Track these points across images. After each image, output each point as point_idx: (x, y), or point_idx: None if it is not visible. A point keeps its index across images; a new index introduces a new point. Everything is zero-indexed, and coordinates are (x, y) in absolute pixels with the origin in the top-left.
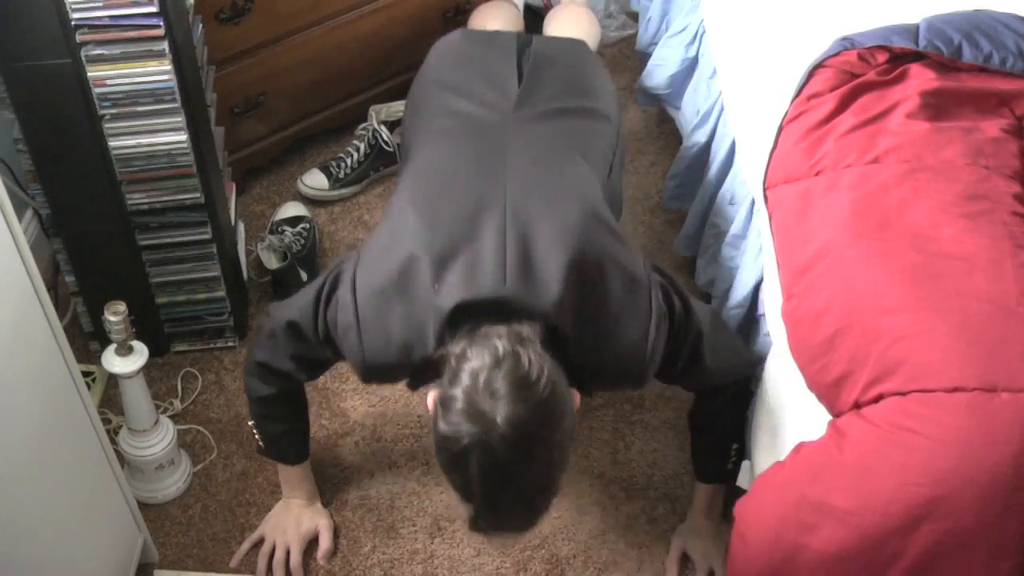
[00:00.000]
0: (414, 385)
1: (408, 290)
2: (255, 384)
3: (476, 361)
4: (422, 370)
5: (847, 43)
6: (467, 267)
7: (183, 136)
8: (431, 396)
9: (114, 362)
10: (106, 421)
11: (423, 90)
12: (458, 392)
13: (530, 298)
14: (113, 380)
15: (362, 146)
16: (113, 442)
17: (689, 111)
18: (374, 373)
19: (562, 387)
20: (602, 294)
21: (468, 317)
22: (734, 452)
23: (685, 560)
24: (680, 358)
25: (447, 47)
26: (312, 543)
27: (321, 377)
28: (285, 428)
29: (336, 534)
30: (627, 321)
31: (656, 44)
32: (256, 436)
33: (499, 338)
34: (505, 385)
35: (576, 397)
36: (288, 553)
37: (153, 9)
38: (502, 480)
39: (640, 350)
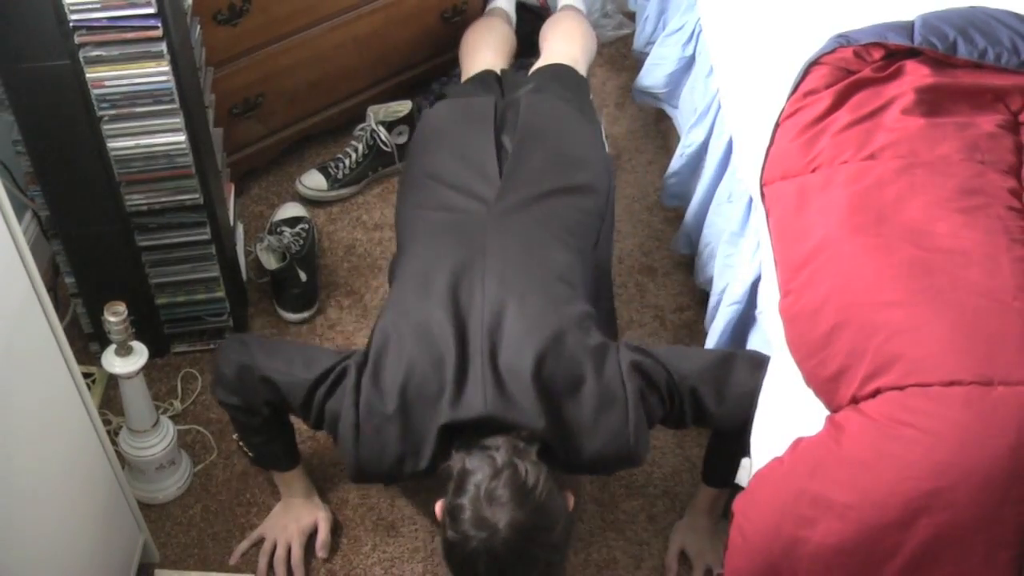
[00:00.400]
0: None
1: (406, 409)
2: (222, 395)
3: (479, 474)
4: (411, 479)
5: (843, 40)
6: (459, 386)
7: (182, 137)
8: (438, 505)
9: (114, 363)
10: (106, 422)
11: (413, 177)
12: (465, 502)
13: (511, 415)
14: (113, 381)
15: (360, 147)
16: (113, 443)
17: (686, 109)
18: (364, 478)
19: (556, 492)
20: (575, 400)
21: (462, 434)
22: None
23: (684, 557)
24: (685, 416)
25: (432, 125)
26: (312, 540)
27: None
28: (265, 438)
29: (337, 531)
30: (604, 420)
31: (653, 43)
32: (243, 447)
33: (497, 450)
34: (506, 493)
35: (571, 499)
36: (289, 550)
37: (151, 10)
38: None
39: (624, 439)
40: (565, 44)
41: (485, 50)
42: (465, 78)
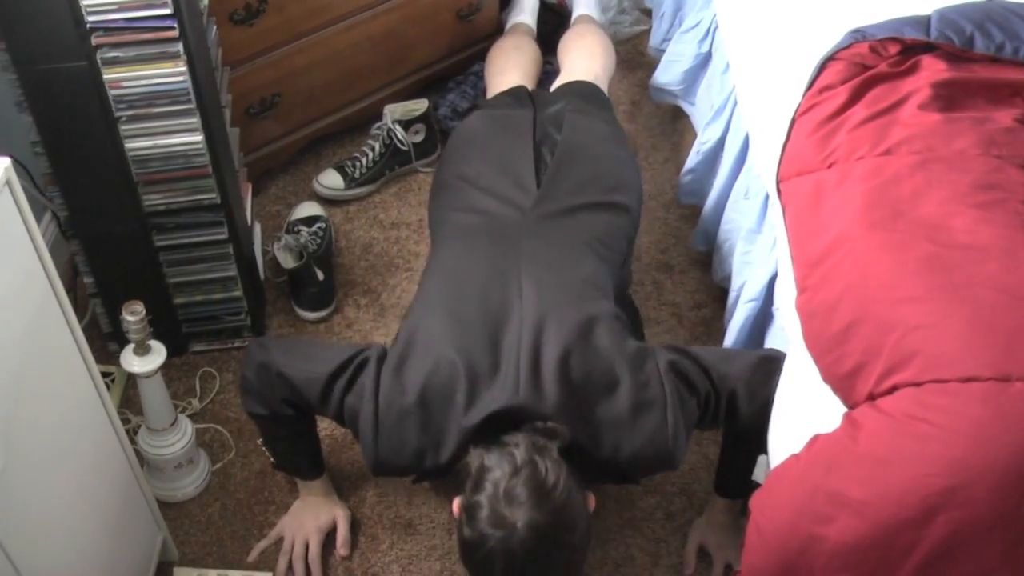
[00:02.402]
0: (417, 481)
1: (427, 403)
2: (248, 403)
3: (497, 471)
4: (428, 473)
5: (858, 35)
6: (486, 382)
7: (199, 137)
8: (456, 502)
9: (132, 362)
10: (125, 421)
11: (446, 180)
12: (482, 499)
13: (540, 407)
14: (132, 380)
15: (377, 145)
16: (132, 442)
17: (703, 106)
18: (383, 471)
19: (577, 493)
20: (611, 400)
21: (483, 430)
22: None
23: (702, 553)
24: (718, 419)
25: (468, 132)
26: (332, 539)
27: None
28: (289, 447)
29: (355, 528)
30: (643, 420)
31: (669, 40)
32: (267, 453)
33: (516, 447)
34: (524, 492)
35: (591, 500)
36: (307, 548)
37: (167, 11)
38: None
39: (663, 440)
40: (587, 61)
41: (514, 70)
42: (493, 94)
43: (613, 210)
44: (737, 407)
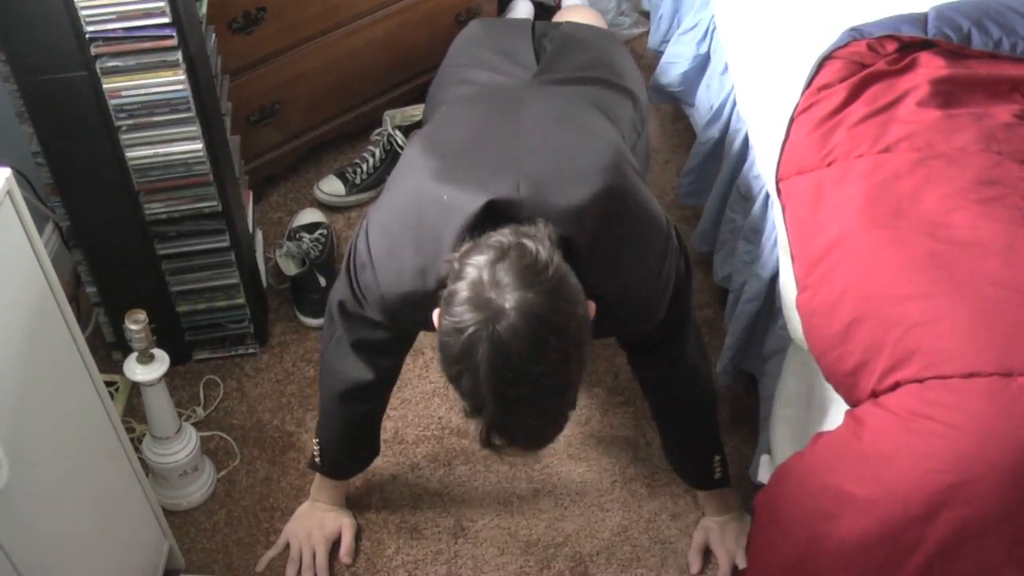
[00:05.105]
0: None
1: (417, 217)
2: (328, 382)
3: (480, 256)
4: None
5: (856, 33)
6: (479, 180)
7: (199, 145)
8: (436, 311)
9: (136, 370)
10: (130, 430)
11: (442, 72)
12: (462, 285)
13: (544, 202)
14: (136, 389)
15: (377, 151)
16: (137, 450)
17: (702, 107)
18: (395, 310)
19: (573, 279)
20: (625, 225)
21: (477, 226)
22: (718, 464)
23: (708, 553)
24: (667, 320)
25: (465, 35)
26: (336, 545)
27: None
28: (344, 436)
29: (359, 535)
30: (646, 255)
31: (668, 42)
32: (314, 447)
33: (503, 236)
34: (511, 273)
35: (592, 307)
36: (314, 556)
37: (166, 20)
38: (514, 375)
39: (655, 283)
40: (582, 21)
41: None
42: None
43: (618, 89)
44: (685, 330)
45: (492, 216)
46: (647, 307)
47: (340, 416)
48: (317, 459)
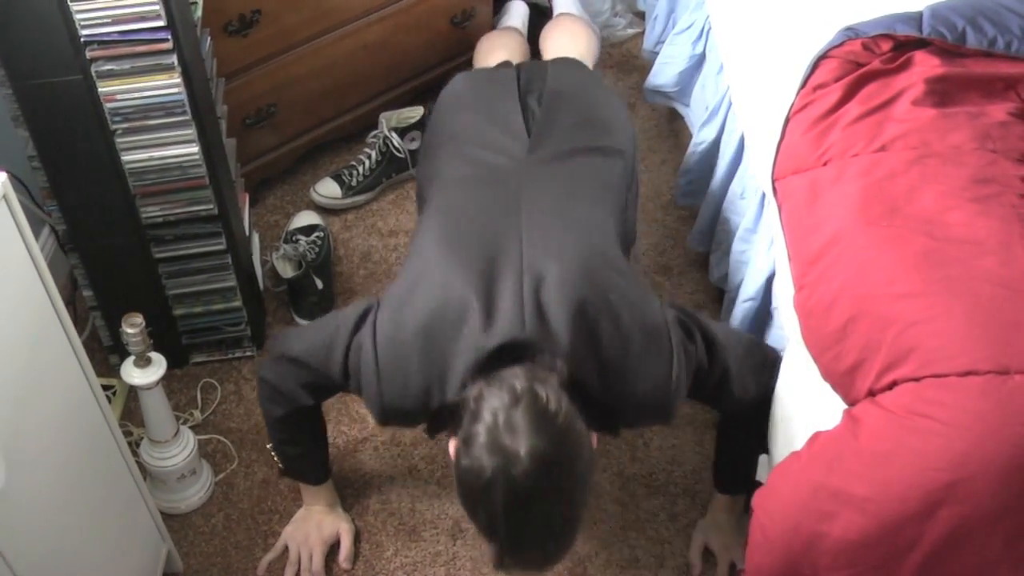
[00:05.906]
0: (432, 432)
1: (427, 337)
2: (266, 405)
3: (495, 400)
4: (439, 416)
5: (851, 33)
6: (487, 315)
7: (195, 148)
8: (452, 442)
9: (133, 374)
10: (127, 433)
11: (435, 141)
12: (479, 428)
13: (547, 343)
14: (133, 392)
15: (373, 153)
16: (135, 454)
17: (698, 108)
18: (391, 417)
19: (579, 422)
20: (619, 338)
21: (487, 362)
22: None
23: (707, 554)
24: (706, 388)
25: (452, 94)
26: (334, 548)
27: None
28: (301, 451)
29: (358, 538)
30: (650, 361)
31: (663, 42)
32: (275, 458)
33: (516, 378)
34: (525, 420)
35: (594, 438)
36: (312, 559)
37: (161, 23)
38: (527, 512)
39: (665, 388)
40: (570, 41)
41: (500, 50)
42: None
43: (607, 153)
44: (730, 387)
45: (503, 350)
46: (657, 412)
47: (288, 431)
48: (281, 466)
